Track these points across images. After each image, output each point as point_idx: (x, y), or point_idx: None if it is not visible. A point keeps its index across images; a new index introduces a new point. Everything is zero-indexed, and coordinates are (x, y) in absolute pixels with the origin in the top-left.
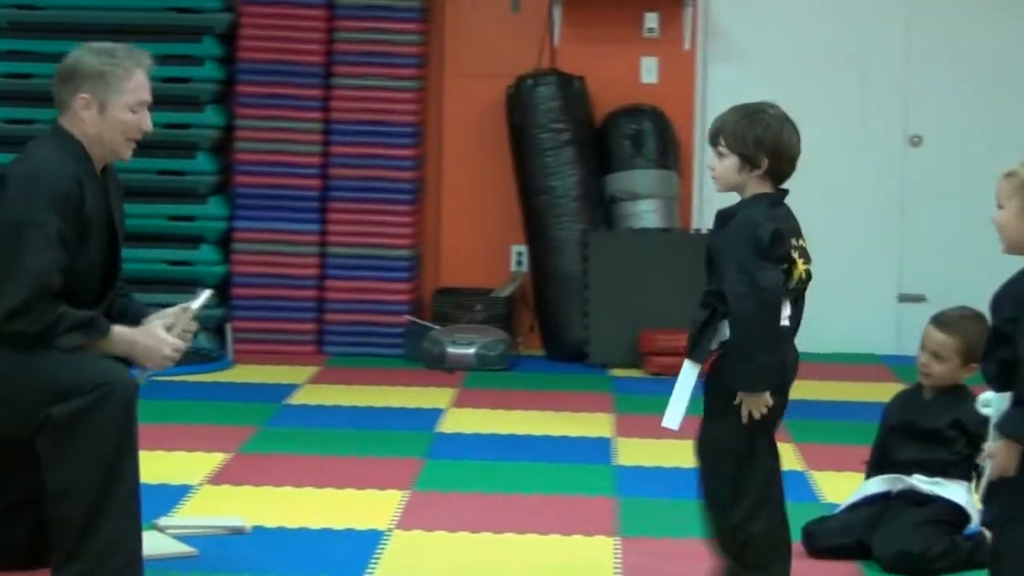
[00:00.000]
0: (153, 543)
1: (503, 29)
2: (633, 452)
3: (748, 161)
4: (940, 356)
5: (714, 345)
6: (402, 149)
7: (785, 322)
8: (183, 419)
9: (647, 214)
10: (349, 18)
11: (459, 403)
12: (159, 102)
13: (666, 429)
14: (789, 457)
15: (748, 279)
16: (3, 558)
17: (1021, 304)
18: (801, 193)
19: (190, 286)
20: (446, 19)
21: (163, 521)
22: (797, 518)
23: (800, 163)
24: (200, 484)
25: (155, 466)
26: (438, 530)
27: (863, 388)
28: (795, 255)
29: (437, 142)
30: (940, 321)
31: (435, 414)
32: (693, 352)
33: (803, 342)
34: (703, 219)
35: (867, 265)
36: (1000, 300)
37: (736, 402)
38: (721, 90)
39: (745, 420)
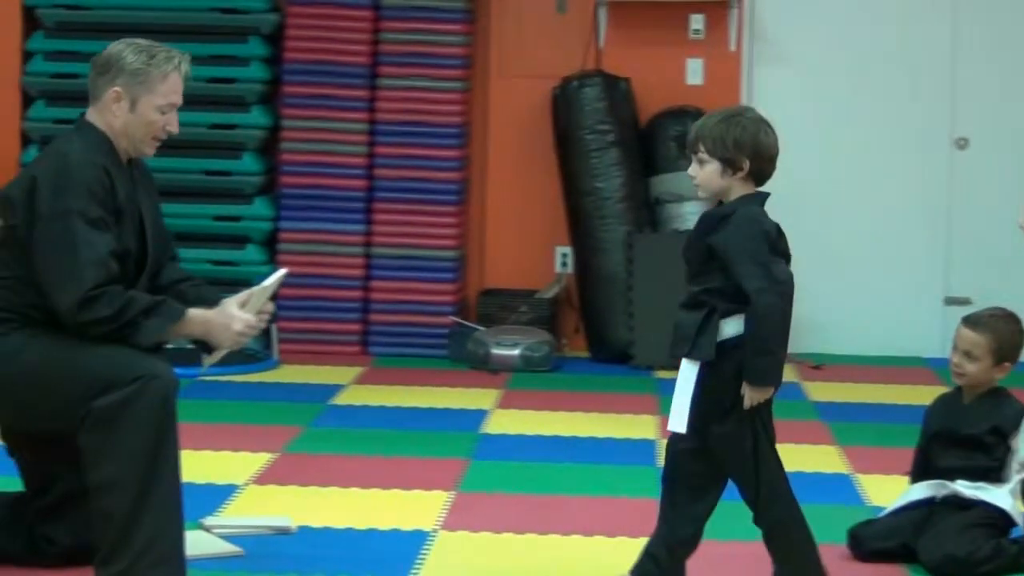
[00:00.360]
0: (199, 543)
1: (548, 30)
2: None
3: (730, 165)
4: (972, 355)
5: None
6: (447, 150)
7: None
8: (229, 419)
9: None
10: (394, 19)
11: (504, 404)
12: (206, 102)
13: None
14: (834, 460)
15: (765, 273)
16: (47, 555)
17: None
18: (846, 196)
19: (235, 287)
20: (491, 20)
21: (209, 521)
22: (842, 521)
23: (846, 165)
24: (246, 484)
25: (201, 466)
26: (483, 531)
27: (908, 391)
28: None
29: (482, 143)
30: (971, 321)
31: (480, 415)
32: (693, 352)
33: (849, 344)
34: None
35: (913, 268)
36: None
37: (740, 397)
38: (767, 91)
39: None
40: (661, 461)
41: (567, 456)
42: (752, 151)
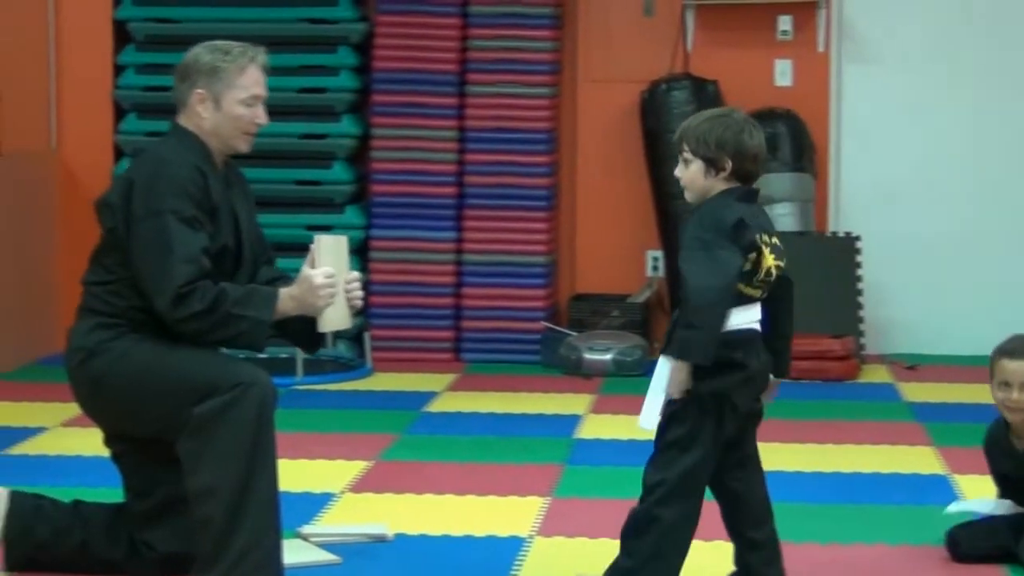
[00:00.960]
0: (296, 551)
1: (636, 34)
2: (774, 457)
3: (712, 164)
4: (1010, 384)
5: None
6: (537, 156)
7: (754, 325)
8: (324, 428)
9: (782, 217)
10: (482, 26)
11: (597, 409)
12: (296, 113)
13: (808, 435)
14: (931, 461)
15: (707, 256)
16: (148, 561)
17: None
18: (939, 194)
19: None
20: (579, 25)
21: (306, 529)
22: (939, 522)
23: (938, 163)
24: (342, 492)
25: (297, 474)
26: (579, 536)
27: None
28: (764, 247)
29: (571, 148)
30: (1010, 351)
31: (573, 420)
32: (666, 347)
33: (944, 344)
34: (839, 222)
35: (1008, 266)
36: None
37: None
38: (856, 91)
39: (673, 394)
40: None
41: None
42: (734, 151)
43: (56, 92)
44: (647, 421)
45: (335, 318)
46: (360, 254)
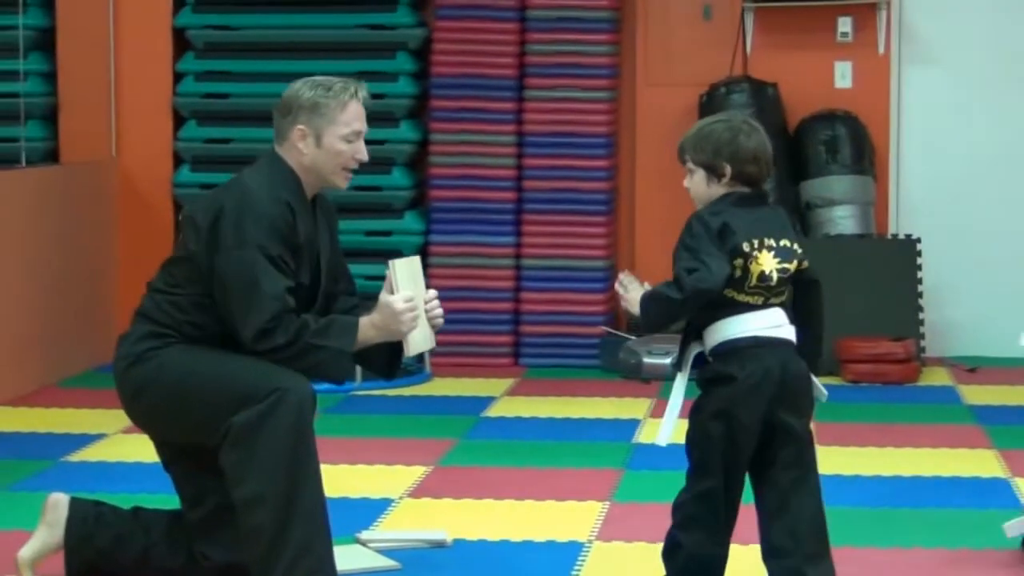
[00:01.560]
0: (356, 557)
1: (695, 37)
2: (833, 461)
3: (713, 171)
4: None
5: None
6: (595, 160)
7: (761, 332)
8: (383, 433)
9: (843, 220)
10: (541, 30)
11: (656, 413)
12: None
13: (868, 438)
14: (992, 464)
15: (694, 258)
16: (205, 570)
17: None
18: (998, 196)
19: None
20: (637, 29)
21: (365, 535)
22: (1000, 527)
23: (998, 165)
24: (401, 498)
25: (356, 480)
26: (638, 541)
27: None
28: (756, 251)
29: (630, 152)
30: None
31: (632, 425)
32: (679, 365)
33: (1004, 347)
34: (900, 224)
35: None
36: None
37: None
38: (917, 93)
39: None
40: (822, 468)
41: None
42: (730, 155)
43: (116, 100)
44: (663, 438)
45: (420, 340)
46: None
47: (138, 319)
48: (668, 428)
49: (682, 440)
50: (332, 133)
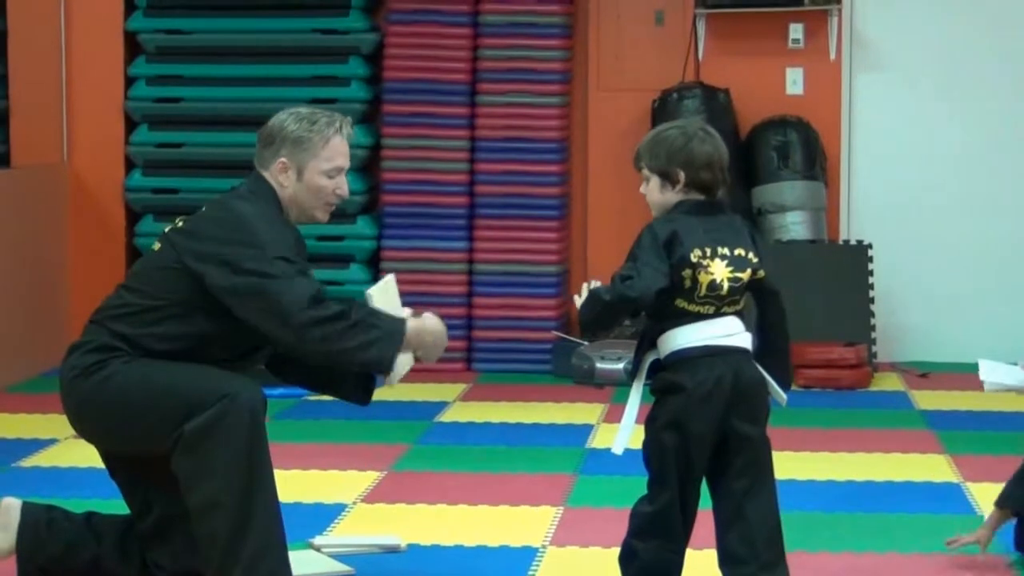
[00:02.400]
0: (309, 562)
1: (647, 43)
2: (786, 466)
3: (667, 178)
4: None
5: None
6: (548, 165)
7: (715, 341)
8: (336, 438)
9: (795, 226)
10: (493, 35)
11: (609, 418)
12: None
13: (820, 443)
14: (943, 469)
15: (633, 266)
16: None
17: None
18: (949, 202)
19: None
20: (590, 34)
21: (318, 540)
22: (952, 531)
23: (949, 171)
24: (354, 503)
25: (310, 485)
26: (592, 546)
27: (1018, 398)
28: (706, 260)
29: (583, 157)
30: None
31: (586, 430)
32: (634, 373)
33: (955, 352)
34: (851, 230)
35: (1019, 273)
36: None
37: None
38: (868, 99)
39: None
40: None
41: None
42: (683, 161)
43: (67, 104)
44: (619, 447)
45: (405, 363)
46: (372, 264)
47: (90, 328)
48: (624, 436)
49: (637, 448)
50: (314, 168)
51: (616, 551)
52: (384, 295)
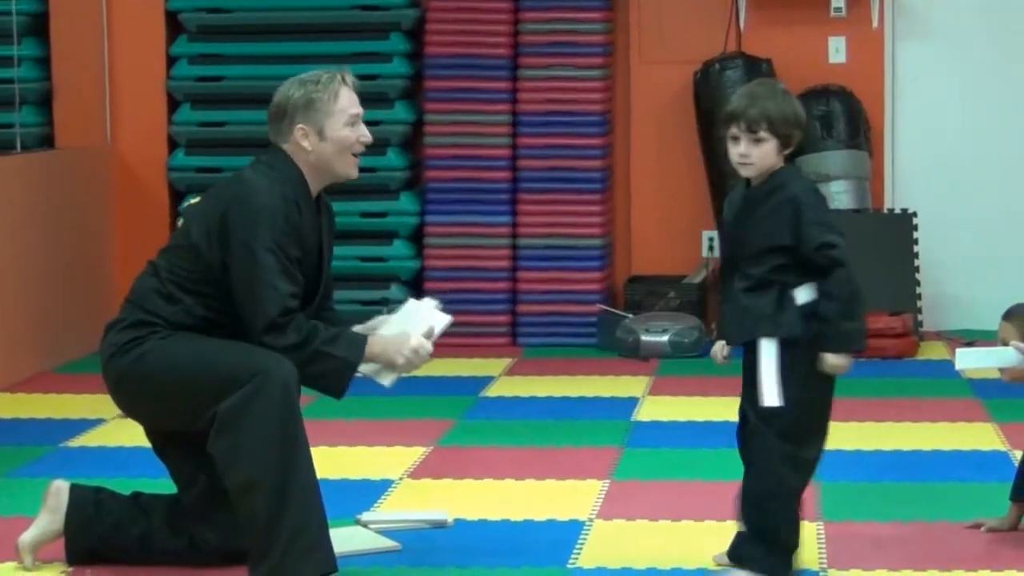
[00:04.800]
0: (356, 538)
1: (688, 14)
2: (833, 436)
3: (785, 141)
4: (1007, 344)
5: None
6: (590, 138)
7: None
8: (382, 415)
9: (839, 195)
10: (534, 9)
11: (655, 391)
12: None
13: (867, 413)
14: (991, 437)
15: (839, 237)
16: (207, 553)
17: None
18: (993, 171)
19: (384, 282)
20: (631, 6)
21: (365, 516)
22: (1002, 499)
23: (992, 140)
24: (401, 478)
25: (356, 462)
26: (639, 519)
27: None
28: None
29: (625, 130)
30: (1007, 311)
31: (631, 403)
32: (778, 329)
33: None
34: (895, 199)
35: None
36: None
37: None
38: (911, 68)
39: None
40: None
41: (720, 441)
42: (801, 126)
43: (110, 85)
44: (773, 398)
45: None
46: (415, 240)
47: (126, 307)
48: (777, 386)
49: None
50: (333, 124)
51: (663, 523)
52: (415, 315)
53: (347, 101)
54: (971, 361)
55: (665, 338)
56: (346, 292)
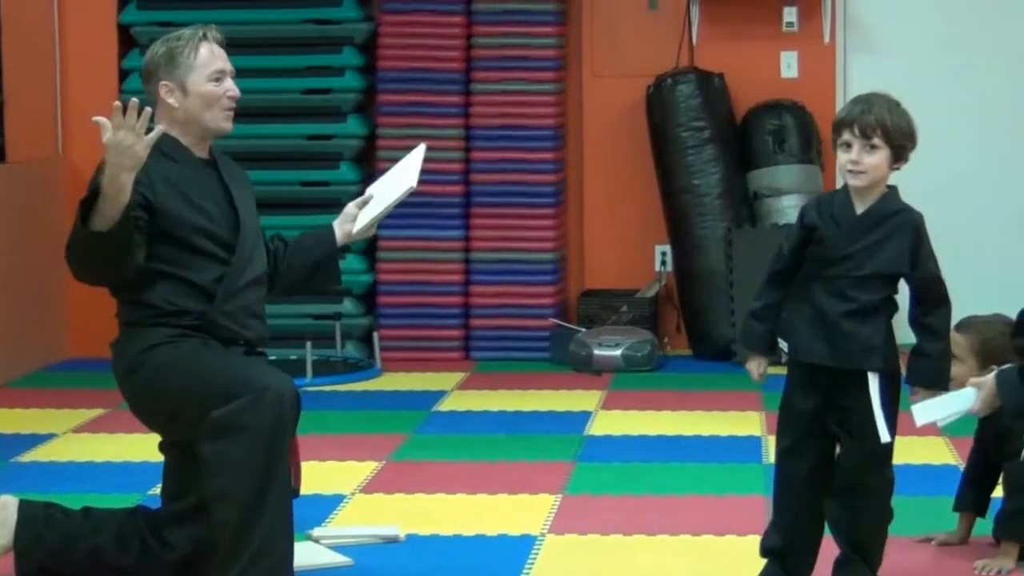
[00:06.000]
0: (308, 553)
1: (641, 28)
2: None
3: (898, 152)
4: (957, 357)
5: None
6: (543, 152)
7: None
8: (334, 429)
9: (791, 209)
10: (487, 23)
11: (607, 405)
12: (302, 114)
13: None
14: (942, 451)
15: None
16: (160, 563)
17: None
18: (944, 186)
19: (335, 295)
20: (583, 21)
21: (317, 531)
22: (952, 514)
23: (944, 156)
24: (353, 493)
25: (308, 476)
26: (591, 533)
27: None
28: None
29: (578, 144)
30: (960, 323)
31: (584, 417)
32: (890, 361)
33: None
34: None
35: (1019, 258)
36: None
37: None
38: (862, 83)
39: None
40: (768, 458)
41: (673, 456)
42: (915, 140)
43: (62, 97)
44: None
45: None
46: (368, 254)
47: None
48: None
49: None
50: (195, 79)
51: (615, 538)
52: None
53: (210, 55)
54: (931, 414)
55: (618, 352)
56: (298, 304)
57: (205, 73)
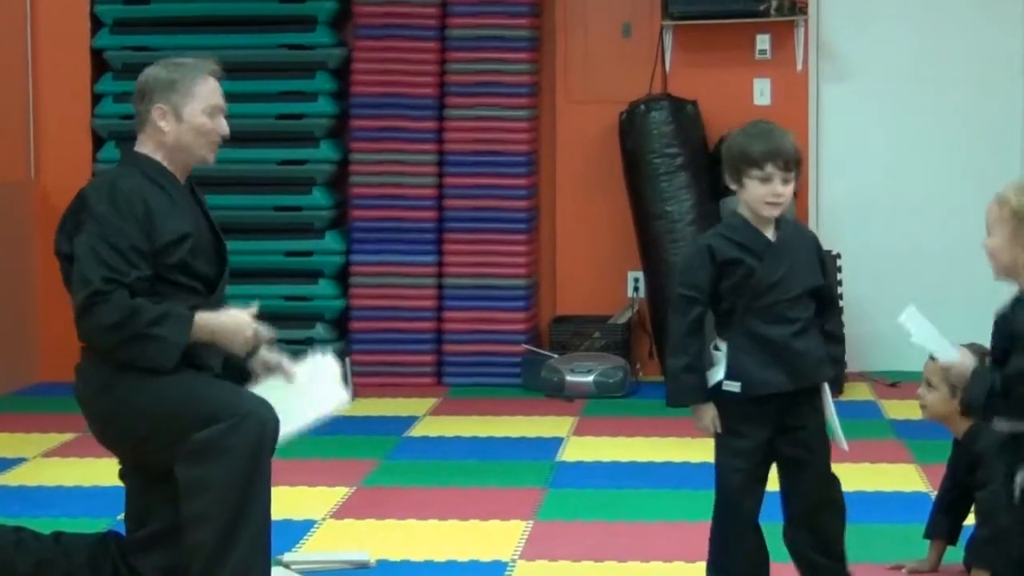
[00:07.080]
0: None
1: (614, 55)
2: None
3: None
4: (930, 383)
5: None
6: (516, 178)
7: None
8: (305, 454)
9: None
10: (461, 49)
11: (579, 431)
12: (274, 139)
13: None
14: (914, 479)
15: None
16: None
17: (1014, 337)
18: (915, 211)
19: (309, 321)
20: (557, 47)
21: (288, 557)
22: (924, 540)
23: (914, 181)
24: (324, 519)
25: (279, 502)
26: (562, 559)
27: None
28: None
29: (551, 170)
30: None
31: (555, 443)
32: (835, 366)
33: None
34: (820, 239)
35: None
36: (994, 332)
37: None
38: (834, 109)
39: None
40: None
41: (644, 482)
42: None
43: (34, 122)
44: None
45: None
46: (341, 279)
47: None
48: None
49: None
50: (192, 108)
51: (586, 564)
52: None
53: (210, 89)
54: (916, 328)
55: (590, 378)
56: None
57: (202, 106)
